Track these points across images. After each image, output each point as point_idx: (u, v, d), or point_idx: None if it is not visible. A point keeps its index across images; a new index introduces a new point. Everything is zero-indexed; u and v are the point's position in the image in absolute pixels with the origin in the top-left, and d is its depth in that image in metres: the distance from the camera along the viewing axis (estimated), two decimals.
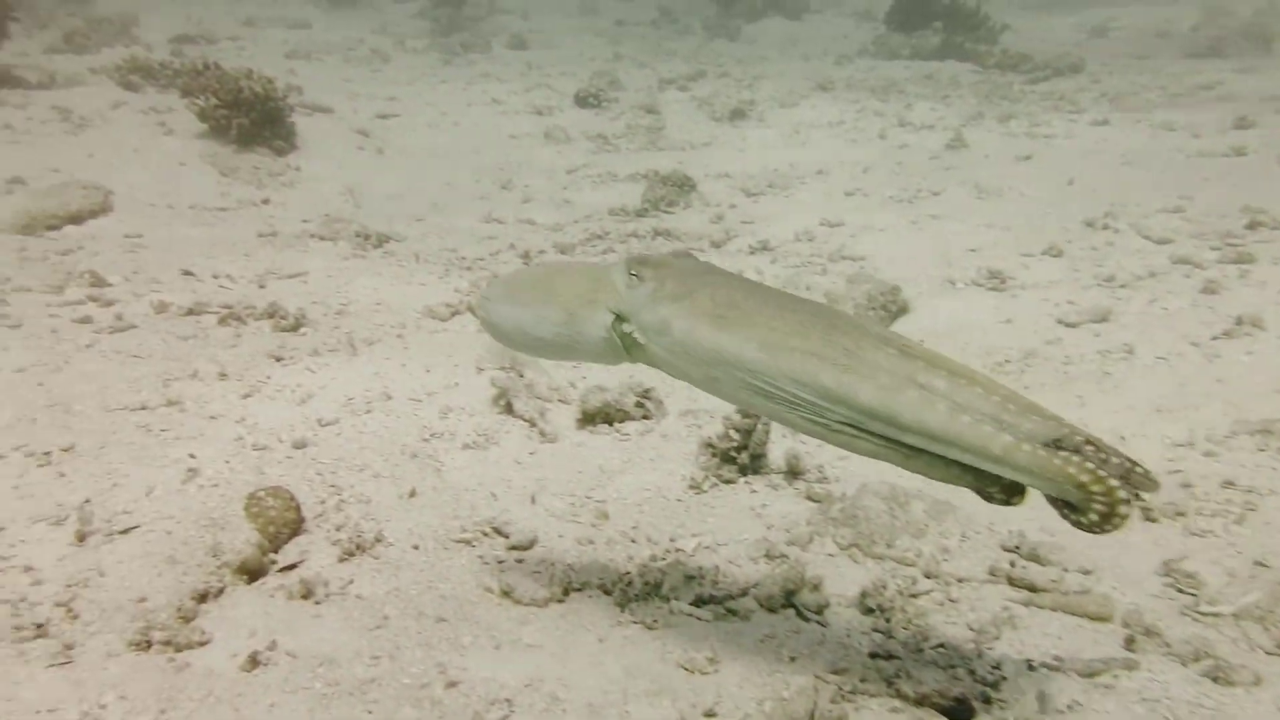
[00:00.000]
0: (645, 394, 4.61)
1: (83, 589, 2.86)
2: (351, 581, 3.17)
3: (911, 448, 2.03)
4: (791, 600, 3.05)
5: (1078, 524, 1.93)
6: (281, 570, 3.23)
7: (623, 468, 4.10)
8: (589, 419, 4.49)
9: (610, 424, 4.48)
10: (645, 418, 4.53)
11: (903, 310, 5.59)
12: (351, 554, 3.31)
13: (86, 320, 4.99)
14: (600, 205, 8.31)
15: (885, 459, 2.12)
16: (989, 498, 2.09)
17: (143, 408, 4.20)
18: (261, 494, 3.41)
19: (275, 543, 3.32)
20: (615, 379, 4.73)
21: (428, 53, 16.16)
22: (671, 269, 2.41)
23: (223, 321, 5.20)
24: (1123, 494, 1.86)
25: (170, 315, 5.23)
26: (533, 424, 4.39)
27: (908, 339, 2.18)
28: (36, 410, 4.04)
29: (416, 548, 3.40)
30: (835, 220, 7.36)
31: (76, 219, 6.43)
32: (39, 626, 2.66)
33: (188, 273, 5.86)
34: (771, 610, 3.06)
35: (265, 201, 7.75)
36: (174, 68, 11.24)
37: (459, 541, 3.47)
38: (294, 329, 5.19)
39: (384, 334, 5.24)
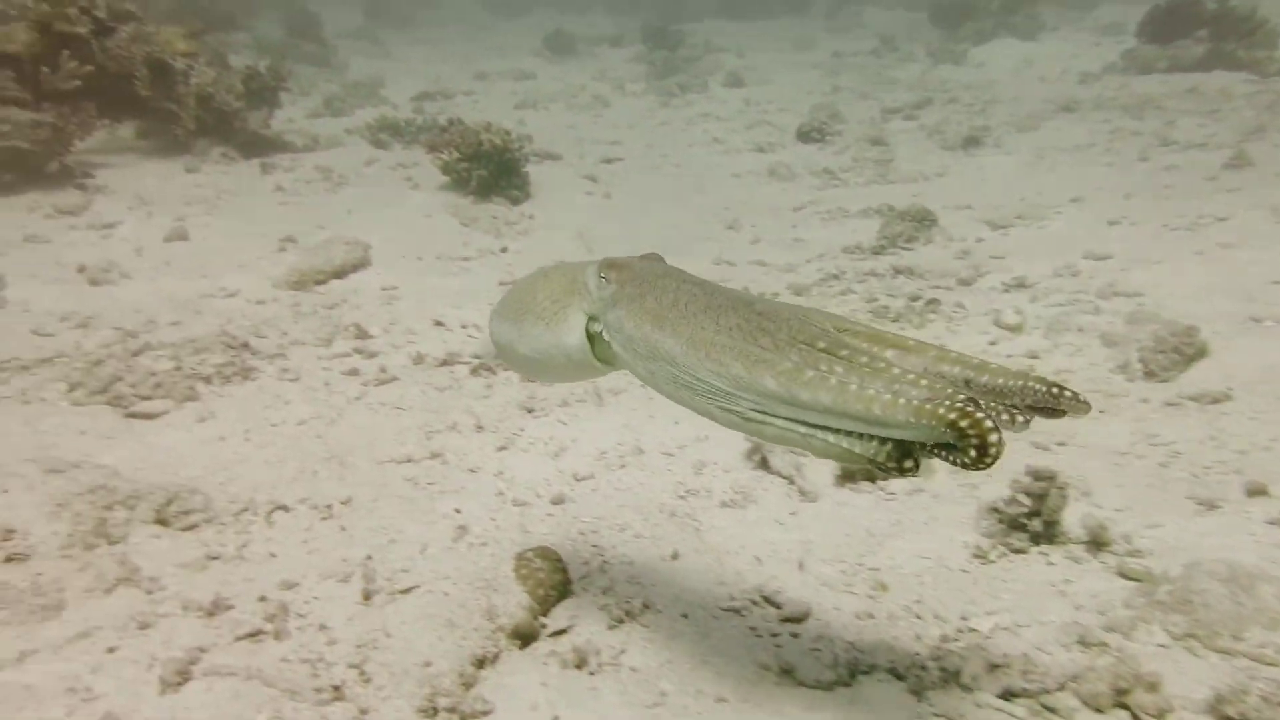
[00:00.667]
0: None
1: (372, 650, 2.89)
2: (624, 651, 3.05)
3: (810, 425, 2.11)
4: (1124, 701, 2.65)
5: (959, 464, 1.94)
6: (552, 635, 3.16)
7: (893, 531, 3.79)
8: (849, 477, 4.21)
9: (873, 481, 4.19)
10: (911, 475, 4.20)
11: (1200, 353, 4.95)
12: (621, 620, 3.20)
13: (354, 373, 5.24)
14: (833, 243, 8.02)
15: (790, 442, 2.18)
16: (883, 468, 2.08)
17: (408, 460, 4.32)
18: (529, 554, 3.37)
19: (545, 606, 3.26)
20: None
21: (646, 95, 16.47)
22: (633, 271, 2.52)
23: (474, 372, 5.32)
24: (989, 424, 1.85)
25: (427, 366, 5.41)
26: (790, 481, 4.17)
27: (870, 330, 2.22)
28: (317, 462, 4.23)
29: (685, 616, 3.24)
30: (1101, 253, 6.72)
31: (340, 273, 6.85)
32: (336, 689, 2.69)
33: (439, 323, 6.08)
34: (1098, 710, 2.67)
35: (504, 250, 8.00)
36: (417, 124, 11.98)
37: (728, 610, 3.29)
38: None
39: (629, 383, 5.19)
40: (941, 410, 1.89)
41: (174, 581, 3.28)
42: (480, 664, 2.94)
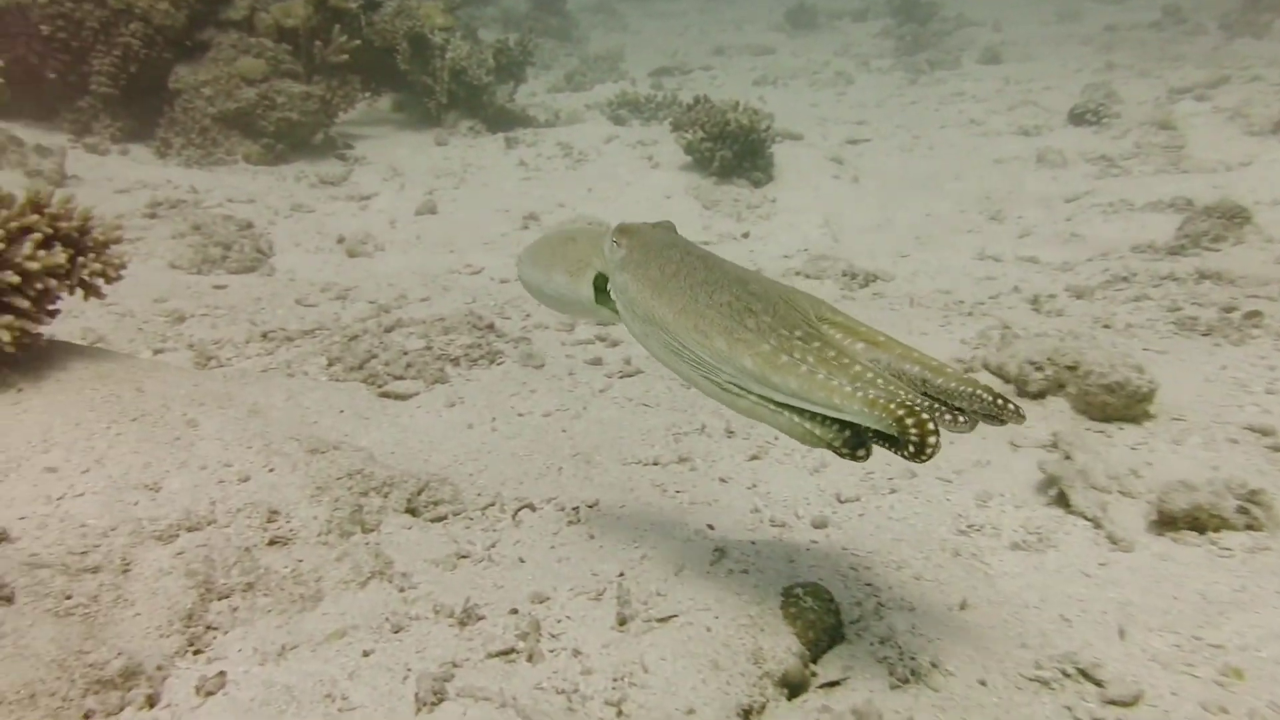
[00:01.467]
0: (1251, 496, 3.56)
1: (629, 687, 2.61)
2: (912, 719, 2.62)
3: (778, 404, 2.30)
4: None
5: (901, 455, 2.13)
6: (824, 687, 2.78)
7: (1235, 599, 3.13)
8: (1169, 523, 3.55)
9: (1201, 533, 3.51)
10: (1252, 529, 3.49)
11: None
12: (905, 680, 2.77)
13: (598, 362, 5.05)
14: (1118, 241, 7.09)
15: (759, 417, 2.38)
16: (838, 451, 2.27)
17: (656, 463, 4.05)
18: (799, 591, 2.99)
19: (814, 651, 2.88)
20: (1202, 471, 3.74)
21: (893, 72, 15.57)
22: (642, 238, 2.68)
23: None
24: (931, 426, 2.09)
25: None
26: (1096, 524, 3.56)
27: (846, 321, 2.45)
28: (563, 458, 4.04)
29: (983, 683, 2.76)
30: None
31: None
32: None
33: None
34: None
35: (745, 235, 7.63)
36: (656, 100, 11.79)
37: (1034, 680, 2.78)
38: None
39: None
40: (892, 406, 2.11)
41: (425, 579, 3.15)
42: (746, 715, 2.61)
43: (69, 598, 2.76)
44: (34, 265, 3.73)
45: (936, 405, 2.28)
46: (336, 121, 10.62)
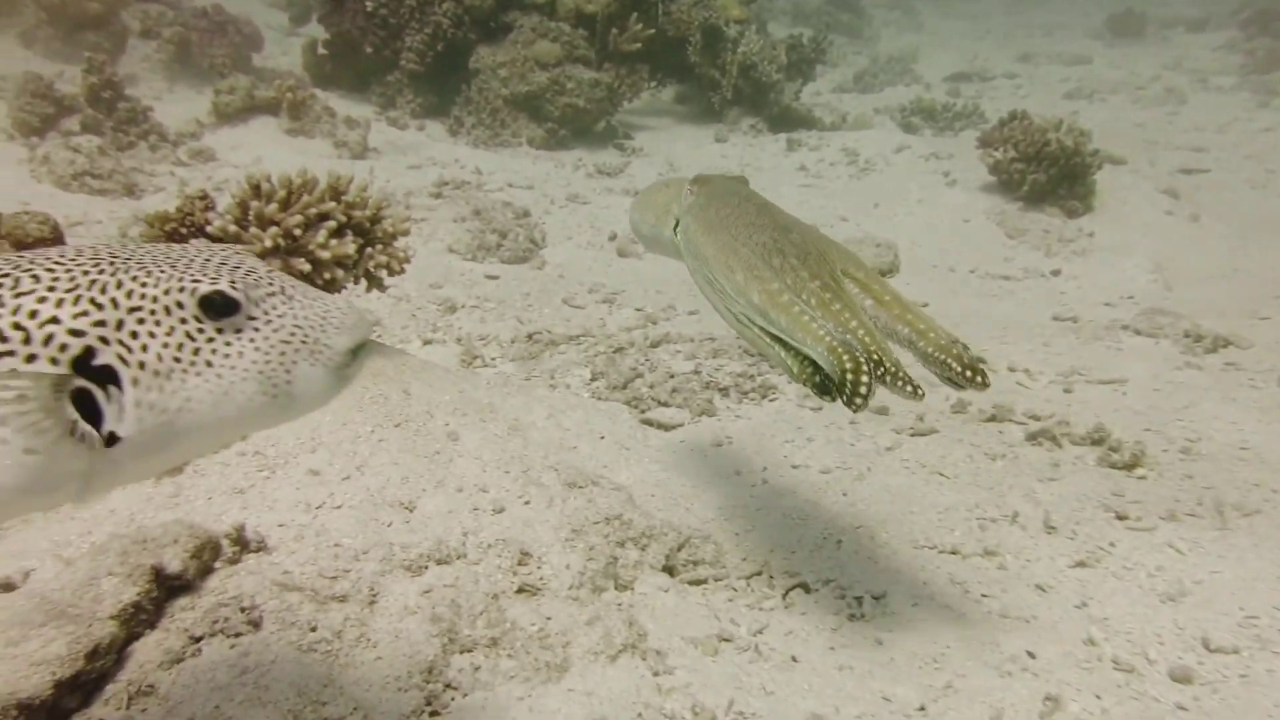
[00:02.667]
0: None
1: None
2: None
3: (773, 337, 2.55)
4: None
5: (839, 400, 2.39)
6: None
7: None
8: None
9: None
10: None
11: None
12: None
13: (884, 411, 4.43)
14: None
15: (758, 346, 2.64)
16: (812, 386, 2.48)
17: (954, 553, 3.41)
18: None
19: None
20: None
21: (1236, 92, 13.57)
22: (711, 187, 3.08)
23: (1033, 439, 4.23)
24: (863, 387, 2.34)
25: (970, 418, 4.42)
26: None
27: (866, 279, 2.69)
28: (843, 529, 3.49)
29: None
30: None
31: None
32: None
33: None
34: None
35: (1055, 273, 6.68)
36: (955, 109, 10.83)
37: None
38: (1129, 468, 3.99)
39: (1263, 502, 3.75)
40: (844, 355, 2.39)
41: (682, 664, 2.72)
42: None
43: (314, 630, 2.55)
44: (325, 254, 3.65)
45: (897, 373, 2.43)
46: (619, 110, 10.52)
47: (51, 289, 1.50)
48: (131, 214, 6.22)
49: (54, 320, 1.48)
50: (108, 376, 1.50)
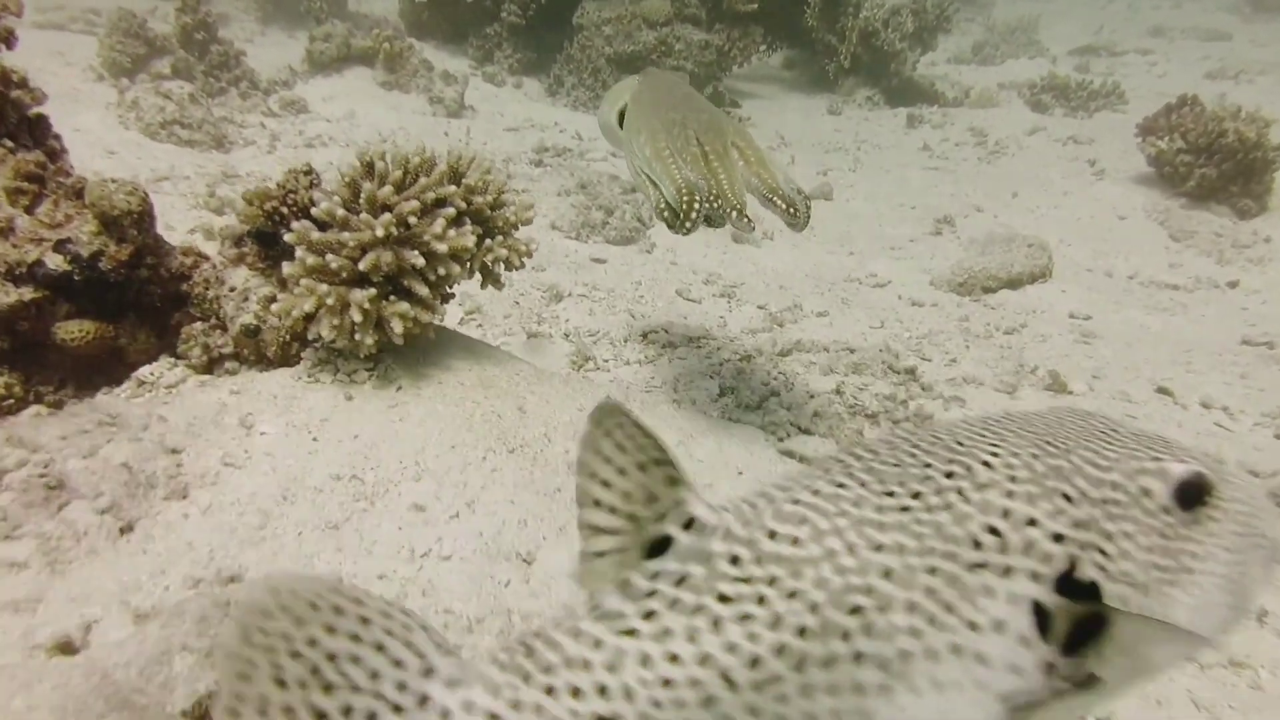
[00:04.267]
0: None
1: None
2: None
3: (652, 182, 3.22)
4: None
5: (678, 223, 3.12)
6: None
7: None
8: None
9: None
10: None
11: None
12: None
13: None
14: None
15: (640, 186, 3.31)
16: (659, 214, 3.18)
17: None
18: None
19: None
20: None
21: None
22: (651, 80, 3.77)
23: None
24: (693, 214, 3.06)
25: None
26: None
27: (746, 147, 3.35)
28: None
29: None
30: None
31: (1015, 283, 5.44)
32: None
33: (1163, 391, 4.40)
34: None
35: (1232, 285, 5.93)
36: (1091, 88, 9.94)
37: None
38: None
39: None
40: (685, 188, 3.08)
41: None
42: None
43: None
44: (441, 247, 3.18)
45: (731, 208, 3.11)
46: (727, 75, 9.87)
47: (1013, 478, 1.12)
48: (220, 170, 5.85)
49: (1031, 522, 1.09)
50: (1083, 594, 1.09)
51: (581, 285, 5.15)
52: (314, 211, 3.16)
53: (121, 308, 3.31)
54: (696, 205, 3.05)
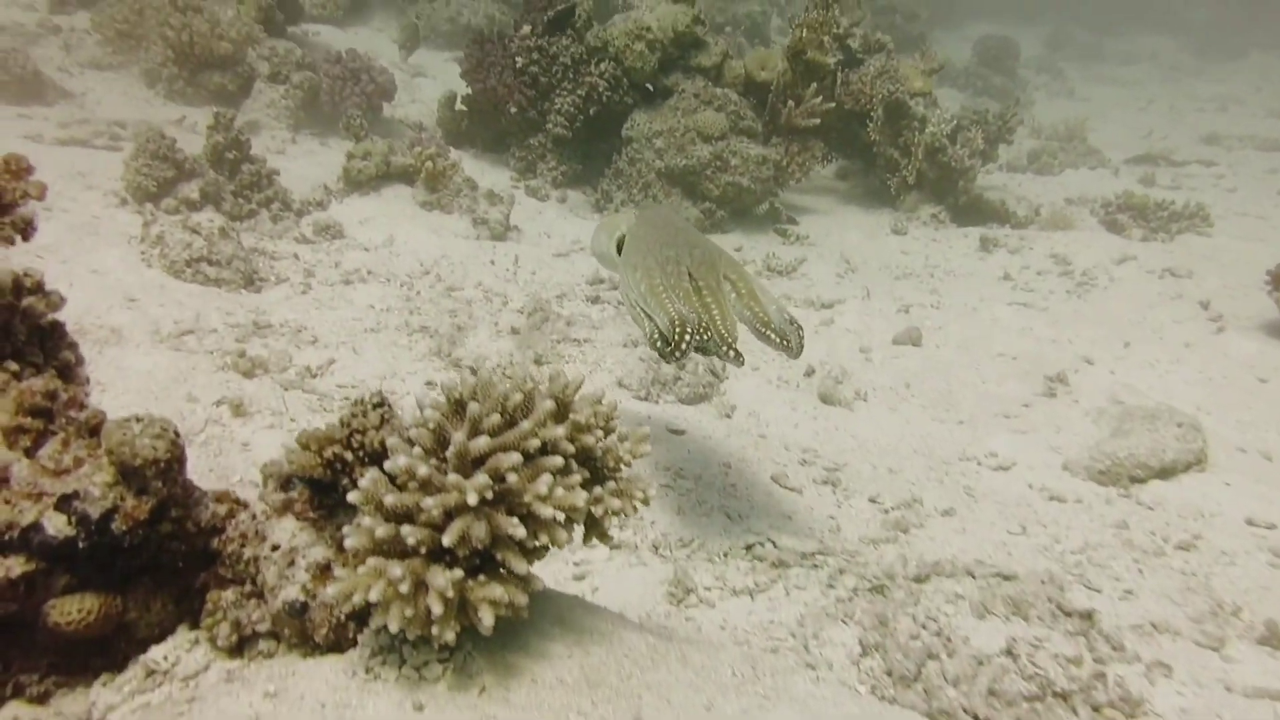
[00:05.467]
0: None
1: None
2: None
3: (647, 315, 3.39)
4: None
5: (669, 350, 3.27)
6: None
7: None
8: None
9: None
10: None
11: None
12: None
13: None
14: None
15: (635, 318, 3.47)
16: (652, 345, 3.33)
17: None
18: None
19: None
20: None
21: None
22: (646, 214, 4.18)
23: None
24: (683, 345, 3.24)
25: None
26: None
27: (739, 281, 3.60)
28: None
29: None
30: None
31: (1167, 472, 4.69)
32: None
33: None
34: None
35: None
36: (1172, 209, 9.33)
37: None
38: None
39: None
40: (678, 323, 3.26)
41: None
42: None
43: None
44: (546, 511, 2.47)
45: (723, 342, 3.34)
46: (784, 190, 9.31)
47: None
48: (251, 318, 5.21)
49: None
50: None
51: (664, 471, 4.44)
52: (388, 466, 2.46)
53: (133, 571, 2.61)
54: (688, 337, 3.25)
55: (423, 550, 2.42)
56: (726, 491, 4.34)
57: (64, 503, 2.42)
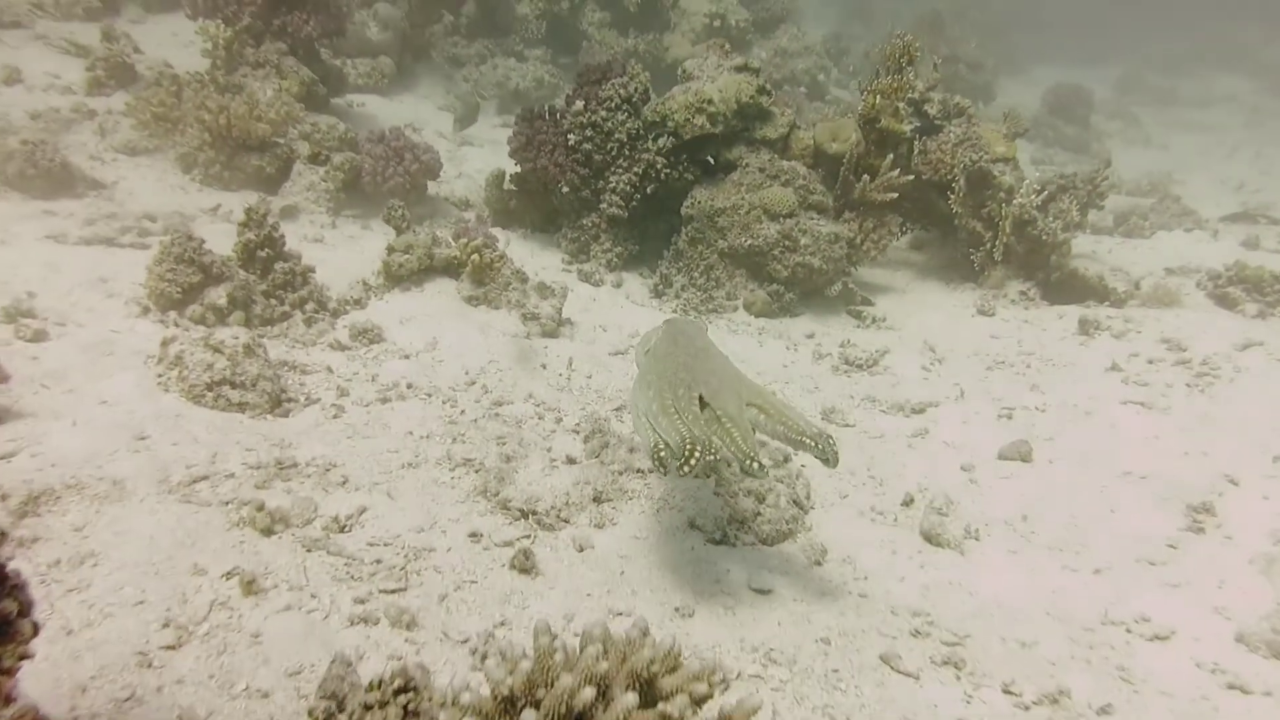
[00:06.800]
0: None
1: None
2: None
3: (654, 431, 3.59)
4: None
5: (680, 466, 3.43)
6: None
7: None
8: None
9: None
10: None
11: None
12: None
13: None
14: None
15: (642, 432, 3.67)
16: (654, 460, 3.49)
17: None
18: None
19: None
20: None
21: None
22: (671, 328, 4.43)
23: None
24: (688, 466, 3.39)
25: None
26: None
27: (762, 403, 3.83)
28: None
29: None
30: None
31: None
32: None
33: None
34: None
35: None
36: None
37: None
38: None
39: None
40: (688, 444, 3.44)
41: None
42: None
43: None
44: None
45: (745, 457, 3.57)
46: (858, 268, 8.59)
47: None
48: (274, 456, 4.60)
49: None
50: None
51: (751, 653, 3.70)
52: None
53: None
54: (698, 453, 3.40)
55: None
56: (829, 682, 3.59)
57: None
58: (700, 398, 3.73)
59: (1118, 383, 6.84)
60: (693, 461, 3.37)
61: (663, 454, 3.45)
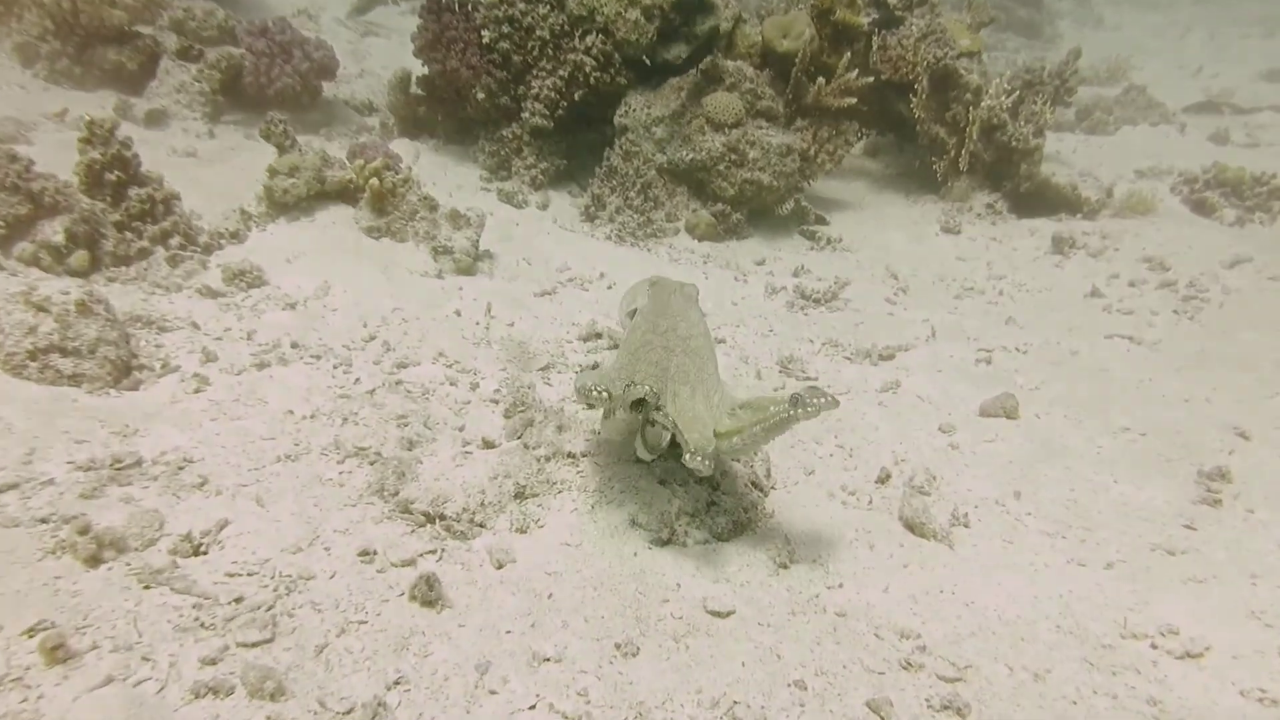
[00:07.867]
0: None
1: None
2: None
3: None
4: None
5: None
6: None
7: None
8: None
9: None
10: None
11: None
12: None
13: None
14: None
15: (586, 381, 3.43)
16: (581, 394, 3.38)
17: None
18: None
19: None
20: None
21: None
22: (659, 289, 4.13)
23: None
24: (612, 402, 3.34)
25: None
26: None
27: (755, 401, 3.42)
28: None
29: None
30: None
31: None
32: None
33: None
34: None
35: None
36: (1272, 184, 7.81)
37: None
38: None
39: None
40: (619, 384, 3.39)
41: None
42: None
43: None
44: None
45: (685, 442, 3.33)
46: (812, 185, 7.72)
47: None
48: (110, 452, 3.67)
49: None
50: None
51: (708, 711, 2.99)
52: None
53: None
54: (632, 389, 3.33)
55: None
56: None
57: None
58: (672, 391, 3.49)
59: (1099, 311, 6.20)
60: (623, 395, 3.30)
61: (594, 393, 3.33)
